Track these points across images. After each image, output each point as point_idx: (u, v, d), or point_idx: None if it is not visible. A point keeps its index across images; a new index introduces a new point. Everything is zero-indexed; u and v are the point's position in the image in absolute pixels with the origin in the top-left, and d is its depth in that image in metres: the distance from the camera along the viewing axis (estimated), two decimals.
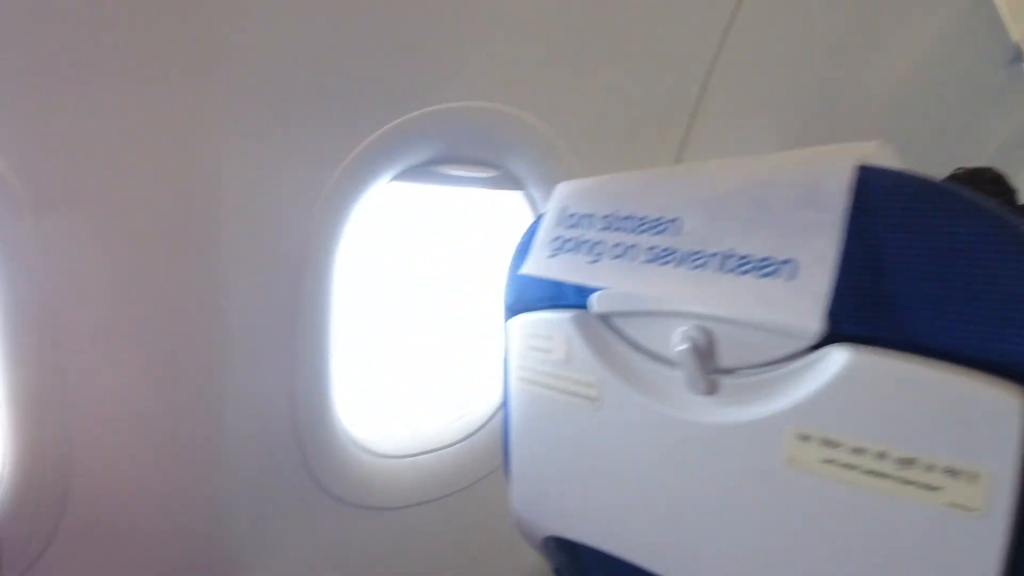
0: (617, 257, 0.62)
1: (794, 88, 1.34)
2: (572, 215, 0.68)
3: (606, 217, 0.64)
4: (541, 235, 0.71)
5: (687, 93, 1.19)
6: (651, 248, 0.59)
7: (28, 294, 0.81)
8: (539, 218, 0.74)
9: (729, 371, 0.59)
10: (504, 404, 0.85)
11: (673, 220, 0.59)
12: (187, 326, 0.90)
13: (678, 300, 0.56)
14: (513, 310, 0.79)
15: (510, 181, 1.12)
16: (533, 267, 0.70)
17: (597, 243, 0.64)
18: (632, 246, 0.61)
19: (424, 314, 1.35)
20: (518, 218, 1.20)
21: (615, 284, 0.61)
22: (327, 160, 0.91)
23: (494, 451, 1.29)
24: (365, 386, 1.24)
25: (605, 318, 0.67)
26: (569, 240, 0.67)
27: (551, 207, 0.71)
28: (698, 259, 0.56)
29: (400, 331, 1.34)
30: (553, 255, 0.68)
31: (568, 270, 0.66)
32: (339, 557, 1.18)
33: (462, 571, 1.35)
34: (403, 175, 1.01)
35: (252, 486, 1.04)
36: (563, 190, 0.71)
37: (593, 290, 0.66)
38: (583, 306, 0.68)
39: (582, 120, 1.10)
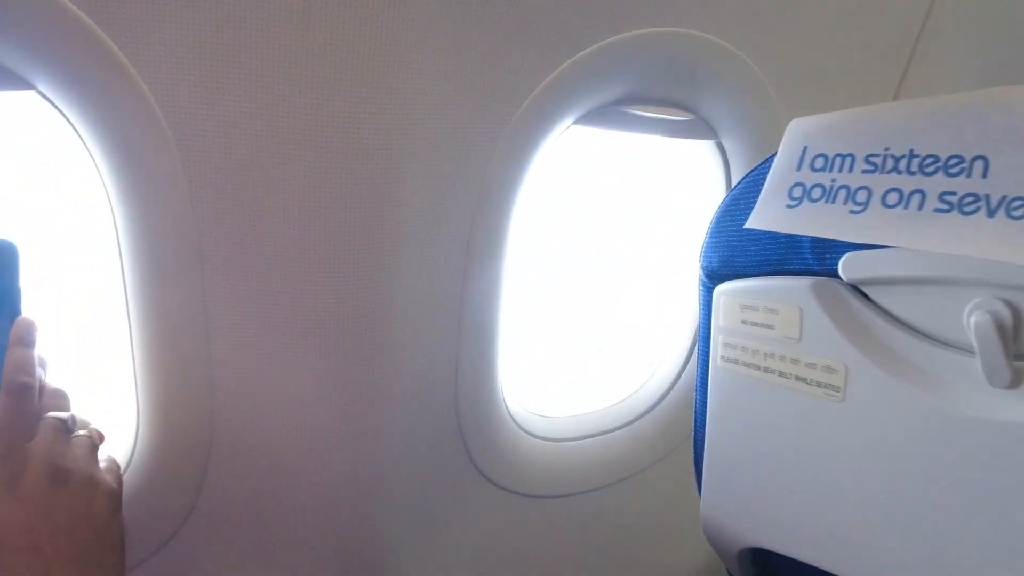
0: (893, 205, 0.48)
1: (1015, 27, 1.16)
2: (819, 156, 0.54)
3: (872, 157, 0.50)
4: (773, 182, 0.58)
5: (907, 34, 1.03)
6: (945, 194, 0.45)
7: (175, 234, 0.74)
8: (763, 164, 0.61)
9: None
10: (698, 389, 0.73)
11: (976, 159, 0.45)
12: (349, 279, 0.81)
13: (1000, 259, 0.42)
14: (719, 276, 0.66)
15: (702, 128, 0.98)
16: (766, 220, 0.57)
17: (860, 188, 0.50)
18: (916, 191, 0.47)
19: (593, 278, 1.23)
20: (706, 171, 1.06)
21: (898, 239, 0.47)
22: (514, 90, 0.80)
23: (661, 437, 1.17)
24: (528, 358, 1.14)
25: (857, 287, 0.54)
26: (816, 186, 0.54)
27: (785, 148, 0.58)
28: (1020, 206, 0.42)
29: (567, 297, 1.23)
30: (794, 205, 0.55)
31: (819, 223, 0.52)
32: (497, 544, 1.09)
33: (626, 563, 1.25)
34: (587, 117, 0.89)
35: (410, 468, 0.95)
36: (800, 127, 0.57)
37: (840, 251, 0.53)
38: (826, 272, 0.55)
39: (794, 60, 0.96)
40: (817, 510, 0.59)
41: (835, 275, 0.54)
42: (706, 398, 0.69)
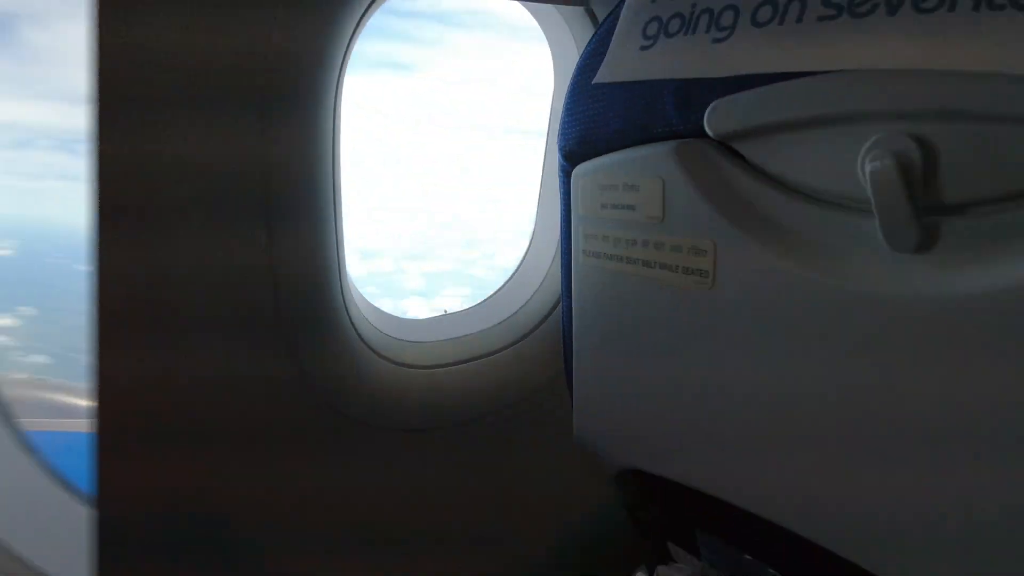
0: (766, 22, 0.37)
1: None
2: None
3: None
4: (626, 22, 0.46)
5: None
6: None
7: None
8: (615, 9, 0.49)
9: (958, 210, 0.34)
10: (563, 292, 0.62)
11: None
12: None
13: (909, 66, 0.32)
14: (575, 156, 0.55)
15: None
16: (616, 70, 0.46)
17: (726, 9, 0.39)
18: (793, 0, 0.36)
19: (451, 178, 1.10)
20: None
21: (772, 62, 0.36)
22: None
23: (551, 358, 1.04)
24: (382, 269, 1.00)
25: (727, 145, 0.43)
26: (675, 17, 0.42)
27: None
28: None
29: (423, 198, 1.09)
30: (648, 45, 0.44)
31: (677, 62, 0.41)
32: (364, 485, 0.95)
33: (519, 499, 1.13)
34: None
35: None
36: None
37: (705, 103, 0.42)
38: (691, 131, 0.44)
39: None
40: (697, 425, 0.50)
41: (702, 134, 0.43)
42: (571, 302, 0.59)
